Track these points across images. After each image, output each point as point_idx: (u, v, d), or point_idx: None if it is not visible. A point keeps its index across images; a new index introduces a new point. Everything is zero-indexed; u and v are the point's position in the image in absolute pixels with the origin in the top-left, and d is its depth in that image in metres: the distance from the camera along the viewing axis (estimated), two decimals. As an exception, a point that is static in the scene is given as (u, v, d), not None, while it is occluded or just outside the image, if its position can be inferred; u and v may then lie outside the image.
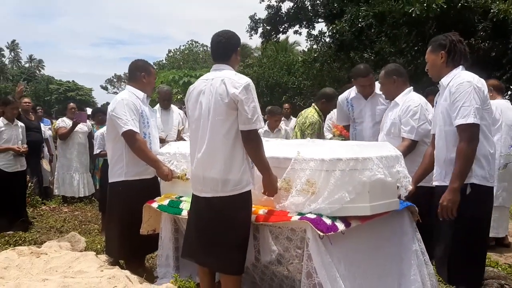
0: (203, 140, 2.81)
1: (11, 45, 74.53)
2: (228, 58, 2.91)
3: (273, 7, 14.30)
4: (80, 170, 7.64)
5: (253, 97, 2.71)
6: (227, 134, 2.73)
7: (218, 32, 2.96)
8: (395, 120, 3.69)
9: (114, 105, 3.57)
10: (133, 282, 3.17)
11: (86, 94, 68.07)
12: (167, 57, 46.85)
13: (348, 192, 2.62)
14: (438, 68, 2.96)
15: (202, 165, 2.83)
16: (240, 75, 2.82)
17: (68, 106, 7.97)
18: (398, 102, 3.74)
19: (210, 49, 3.10)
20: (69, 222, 6.19)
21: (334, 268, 2.58)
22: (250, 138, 2.71)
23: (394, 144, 3.44)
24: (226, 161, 2.74)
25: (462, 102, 2.71)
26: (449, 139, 2.84)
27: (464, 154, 2.68)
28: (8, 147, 5.54)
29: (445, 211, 2.72)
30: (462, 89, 2.73)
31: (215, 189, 2.78)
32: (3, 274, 3.27)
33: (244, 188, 2.77)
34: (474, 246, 2.83)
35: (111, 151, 3.70)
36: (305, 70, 15.23)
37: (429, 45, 3.04)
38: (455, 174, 2.71)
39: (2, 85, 56.48)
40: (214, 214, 2.81)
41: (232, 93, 2.67)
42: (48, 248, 3.87)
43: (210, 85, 2.80)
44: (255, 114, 2.68)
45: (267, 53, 28.58)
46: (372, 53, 10.20)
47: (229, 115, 2.71)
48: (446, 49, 2.91)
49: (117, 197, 3.69)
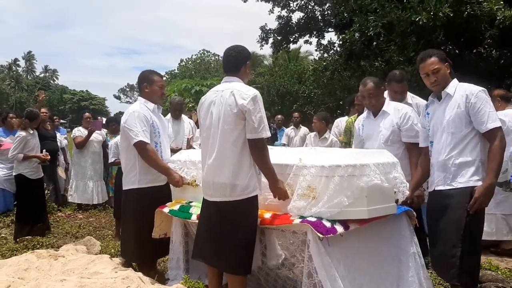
0: (213, 148, 3.00)
1: (27, 56, 75.80)
2: (237, 71, 3.10)
3: (284, 17, 14.50)
4: (94, 178, 7.86)
5: (260, 108, 2.89)
6: (236, 142, 2.91)
7: (230, 47, 3.16)
8: (394, 128, 3.78)
9: (126, 117, 3.77)
10: (146, 282, 3.35)
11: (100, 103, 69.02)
12: (179, 66, 47.38)
13: (346, 196, 2.78)
14: (446, 78, 3.12)
15: (212, 171, 3.02)
16: (249, 87, 3.02)
17: (84, 116, 8.22)
18: (387, 111, 3.85)
19: (222, 61, 3.30)
20: (84, 228, 6.41)
21: (333, 268, 2.74)
22: (257, 147, 2.89)
23: (392, 151, 3.58)
24: (235, 167, 2.92)
25: (488, 109, 2.93)
26: (461, 144, 2.99)
27: (499, 153, 2.89)
28: (34, 155, 5.81)
29: (479, 205, 2.88)
30: (482, 97, 2.95)
31: (224, 193, 2.97)
32: (23, 275, 3.47)
33: (251, 193, 2.95)
34: (478, 246, 3.02)
35: (124, 160, 3.89)
36: (316, 78, 15.32)
37: (431, 57, 3.14)
38: (492, 172, 2.88)
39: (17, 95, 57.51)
40: (223, 217, 3.00)
41: (241, 104, 2.86)
42: (66, 251, 4.07)
43: (220, 96, 2.99)
44: (261, 124, 2.86)
45: (278, 62, 28.81)
46: (383, 62, 10.30)
47: (237, 124, 2.90)
48: (448, 61, 3.13)
49: (131, 204, 3.87)
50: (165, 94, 4.14)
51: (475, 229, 2.95)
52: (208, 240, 3.10)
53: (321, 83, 14.90)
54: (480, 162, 2.94)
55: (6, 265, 3.64)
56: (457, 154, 2.99)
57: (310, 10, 14.39)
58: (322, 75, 13.60)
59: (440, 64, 3.11)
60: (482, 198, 2.86)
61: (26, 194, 5.83)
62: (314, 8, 14.35)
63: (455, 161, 2.99)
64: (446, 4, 7.75)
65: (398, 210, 3.14)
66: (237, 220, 2.97)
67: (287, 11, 14.47)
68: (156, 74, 4.02)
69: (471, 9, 8.04)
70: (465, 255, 2.90)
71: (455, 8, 7.87)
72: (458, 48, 9.60)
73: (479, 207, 2.88)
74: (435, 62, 3.10)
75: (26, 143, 5.79)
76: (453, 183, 3.00)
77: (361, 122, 4.15)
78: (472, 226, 2.91)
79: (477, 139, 2.95)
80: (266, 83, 27.79)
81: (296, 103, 24.08)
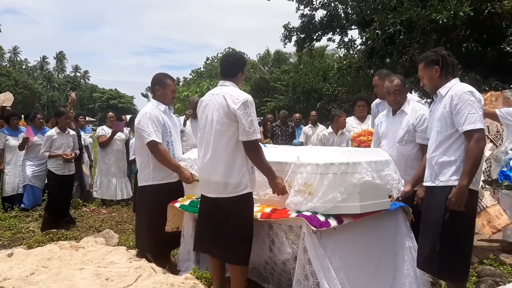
0: (207, 147, 3.24)
1: (58, 55, 77.65)
2: (234, 76, 3.32)
3: (307, 15, 14.58)
4: (118, 175, 8.19)
5: (251, 112, 3.09)
6: (228, 142, 3.13)
7: (228, 53, 3.40)
8: (409, 128, 3.88)
9: (139, 118, 4.03)
10: (157, 272, 3.59)
11: (128, 101, 70.22)
12: (205, 65, 47.80)
13: (340, 192, 2.97)
14: (435, 82, 3.21)
15: (207, 169, 3.26)
16: (240, 91, 3.23)
17: (108, 115, 8.57)
18: (406, 111, 3.95)
19: (220, 66, 3.53)
20: (106, 222, 6.71)
21: (326, 259, 2.93)
22: (250, 148, 3.11)
23: (406, 151, 3.82)
24: (227, 166, 3.15)
25: (468, 110, 2.96)
26: (446, 143, 3.09)
27: (474, 154, 2.93)
28: (57, 154, 6.23)
29: (453, 206, 2.96)
30: (465, 98, 2.99)
31: (218, 190, 3.20)
32: (46, 264, 3.76)
33: (243, 190, 3.16)
34: (460, 243, 3.06)
35: (139, 158, 4.15)
36: (340, 76, 15.34)
37: (420, 62, 3.30)
38: (465, 173, 2.95)
39: (49, 94, 59.10)
40: (219, 212, 3.23)
41: (232, 108, 3.07)
42: (85, 243, 4.35)
43: (214, 100, 3.22)
44: (252, 127, 3.06)
45: (303, 59, 28.81)
46: (406, 59, 10.28)
47: (229, 126, 3.11)
48: (439, 63, 3.19)
49: (146, 199, 4.13)
50: (175, 97, 4.35)
51: (456, 226, 2.98)
52: (207, 232, 3.33)
53: (345, 82, 14.91)
54: (462, 162, 2.99)
55: (31, 255, 3.94)
56: (441, 153, 3.08)
57: (333, 8, 14.43)
58: (347, 73, 13.65)
59: (423, 70, 3.24)
60: (454, 199, 2.92)
61: (53, 188, 6.35)
62: (337, 5, 14.39)
63: (439, 160, 3.08)
64: (466, 3, 7.74)
65: (393, 206, 3.30)
66: (231, 215, 3.18)
67: (310, 9, 14.56)
68: (169, 78, 4.23)
69: (491, 7, 8.01)
70: (444, 251, 2.99)
71: (475, 6, 7.84)
72: (481, 44, 9.54)
73: (453, 208, 2.94)
74: (420, 69, 3.27)
75: (52, 142, 6.22)
76: (435, 181, 3.10)
77: (380, 119, 4.24)
78: (452, 223, 2.97)
79: (463, 140, 3.00)
80: (292, 80, 27.92)
81: (320, 100, 24.13)
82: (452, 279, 3.12)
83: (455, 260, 3.04)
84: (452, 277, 3.10)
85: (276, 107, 27.10)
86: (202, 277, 3.65)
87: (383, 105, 4.83)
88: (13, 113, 8.28)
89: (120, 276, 3.35)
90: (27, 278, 3.38)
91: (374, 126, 4.42)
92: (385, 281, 3.34)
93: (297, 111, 18.04)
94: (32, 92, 47.15)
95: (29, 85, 46.95)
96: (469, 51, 9.62)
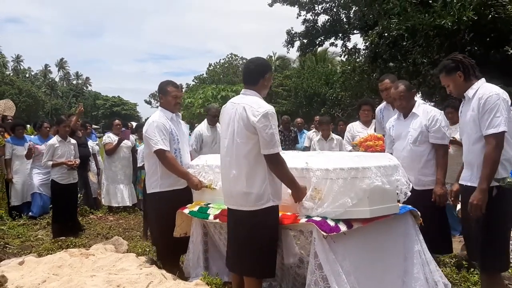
0: (229, 158, 3.18)
1: (59, 63, 77.89)
2: (255, 83, 3.19)
3: (309, 20, 14.65)
4: (124, 182, 8.22)
5: (271, 125, 2.98)
6: (248, 155, 3.05)
7: (250, 59, 3.31)
8: (422, 129, 3.98)
9: (147, 127, 4.07)
10: (168, 278, 3.61)
11: (131, 108, 70.40)
12: (207, 71, 47.89)
13: (350, 198, 2.99)
14: (461, 87, 3.29)
15: (229, 181, 3.20)
16: (261, 102, 3.09)
17: (114, 123, 8.59)
18: (417, 113, 4.06)
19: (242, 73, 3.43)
20: (114, 230, 6.75)
21: (337, 264, 2.94)
22: (271, 161, 3.02)
23: (420, 151, 3.95)
24: (248, 179, 3.06)
25: (493, 113, 3.04)
26: (478, 145, 3.17)
27: (492, 160, 3.02)
28: (60, 161, 6.21)
29: (475, 209, 3.05)
30: (492, 101, 3.06)
31: (240, 203, 3.14)
32: (57, 271, 3.79)
33: (265, 204, 3.07)
34: (500, 239, 3.17)
35: (147, 165, 4.19)
36: (344, 80, 15.36)
37: (440, 73, 3.38)
38: (483, 177, 3.04)
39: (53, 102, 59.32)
40: (240, 225, 3.18)
41: (252, 120, 2.98)
42: (95, 250, 4.38)
43: (236, 110, 3.13)
44: (273, 140, 2.97)
45: (306, 63, 28.86)
46: (409, 64, 10.31)
47: (249, 139, 3.03)
48: (460, 68, 3.26)
49: (154, 206, 4.18)
50: (179, 103, 4.35)
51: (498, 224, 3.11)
52: (230, 245, 3.32)
53: (348, 86, 14.92)
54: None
55: (42, 262, 3.97)
56: (475, 155, 3.16)
57: (335, 13, 14.50)
58: (350, 77, 13.67)
59: (447, 79, 3.33)
60: (475, 202, 3.03)
61: (58, 198, 6.33)
62: (339, 11, 14.45)
63: (476, 162, 3.16)
64: (470, 7, 7.76)
65: (402, 210, 3.32)
66: (252, 228, 3.10)
67: (312, 14, 14.63)
68: (171, 85, 4.24)
69: (495, 12, 8.02)
70: (486, 246, 3.12)
71: (479, 11, 7.86)
72: (484, 48, 9.55)
73: (475, 211, 3.04)
74: (443, 79, 3.37)
75: (54, 151, 6.23)
76: (471, 182, 3.21)
77: (392, 123, 4.35)
78: (493, 220, 3.09)
79: None
80: (294, 84, 27.96)
81: (324, 105, 24.13)
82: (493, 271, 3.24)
83: (498, 252, 3.16)
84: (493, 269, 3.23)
85: (278, 112, 27.16)
86: (212, 283, 3.65)
87: (388, 110, 4.87)
88: (17, 123, 8.36)
89: (131, 283, 3.36)
90: (39, 286, 3.41)
91: (386, 130, 4.51)
92: (395, 285, 3.34)
93: (300, 115, 18.06)
94: (36, 100, 47.27)
95: (33, 93, 47.11)
96: (473, 54, 9.62)
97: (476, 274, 3.95)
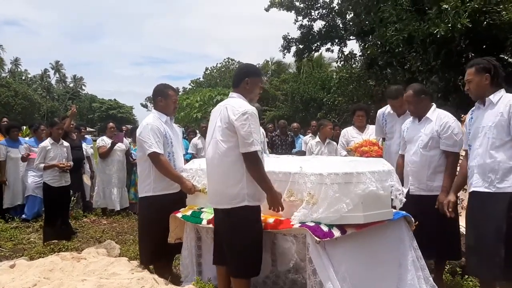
0: (211, 157, 3.26)
1: (55, 65, 77.65)
2: (237, 86, 3.32)
3: (306, 26, 14.69)
4: (118, 185, 8.17)
5: (250, 124, 3.03)
6: (226, 153, 3.12)
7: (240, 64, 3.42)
8: (433, 135, 3.95)
9: (141, 129, 4.02)
10: (159, 283, 3.57)
11: (127, 112, 70.35)
12: (204, 75, 47.93)
13: (345, 203, 2.96)
14: (483, 88, 3.32)
15: (210, 179, 3.31)
16: (243, 103, 3.17)
17: (108, 126, 8.56)
18: (431, 118, 4.02)
19: None
20: (107, 233, 6.70)
21: (331, 269, 2.91)
22: (249, 160, 3.06)
23: (430, 157, 3.90)
24: (226, 177, 3.13)
25: None
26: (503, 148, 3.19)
27: None
28: (52, 164, 6.13)
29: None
30: None
31: (219, 201, 3.21)
32: (48, 275, 3.74)
33: (240, 203, 3.11)
34: None
35: (140, 169, 4.14)
36: (340, 86, 15.38)
37: (470, 67, 3.39)
38: None
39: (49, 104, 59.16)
40: (221, 223, 3.25)
41: (231, 119, 3.06)
42: (87, 254, 4.33)
43: (220, 110, 3.24)
44: (250, 138, 3.01)
45: (304, 68, 28.95)
46: (406, 70, 10.32)
47: (229, 137, 3.10)
48: (491, 72, 3.28)
49: (147, 210, 4.12)
50: (177, 108, 4.35)
51: None
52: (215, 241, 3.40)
53: (345, 91, 14.93)
54: None
55: (33, 266, 3.92)
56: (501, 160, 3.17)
57: (331, 18, 14.54)
58: (347, 83, 13.68)
59: (473, 75, 3.34)
60: None
61: (50, 201, 6.19)
62: (335, 17, 14.49)
63: (499, 166, 3.17)
64: (464, 15, 7.77)
65: (396, 216, 3.30)
66: (228, 227, 3.18)
67: (308, 20, 14.68)
68: (171, 89, 4.25)
69: (490, 19, 8.04)
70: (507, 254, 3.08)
71: (474, 18, 7.88)
72: (480, 55, 9.56)
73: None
74: (470, 73, 3.37)
75: (46, 153, 6.15)
76: (492, 187, 3.21)
77: (407, 125, 4.32)
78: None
79: None
80: (291, 89, 28.01)
81: (320, 110, 24.17)
82: None
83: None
84: None
85: (275, 117, 27.17)
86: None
87: (391, 115, 4.83)
88: (13, 125, 8.30)
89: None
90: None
91: (401, 131, 4.48)
92: (389, 291, 3.33)
93: (297, 120, 18.08)
94: (32, 103, 47.13)
95: (29, 96, 46.96)
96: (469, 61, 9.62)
97: (471, 281, 3.93)
